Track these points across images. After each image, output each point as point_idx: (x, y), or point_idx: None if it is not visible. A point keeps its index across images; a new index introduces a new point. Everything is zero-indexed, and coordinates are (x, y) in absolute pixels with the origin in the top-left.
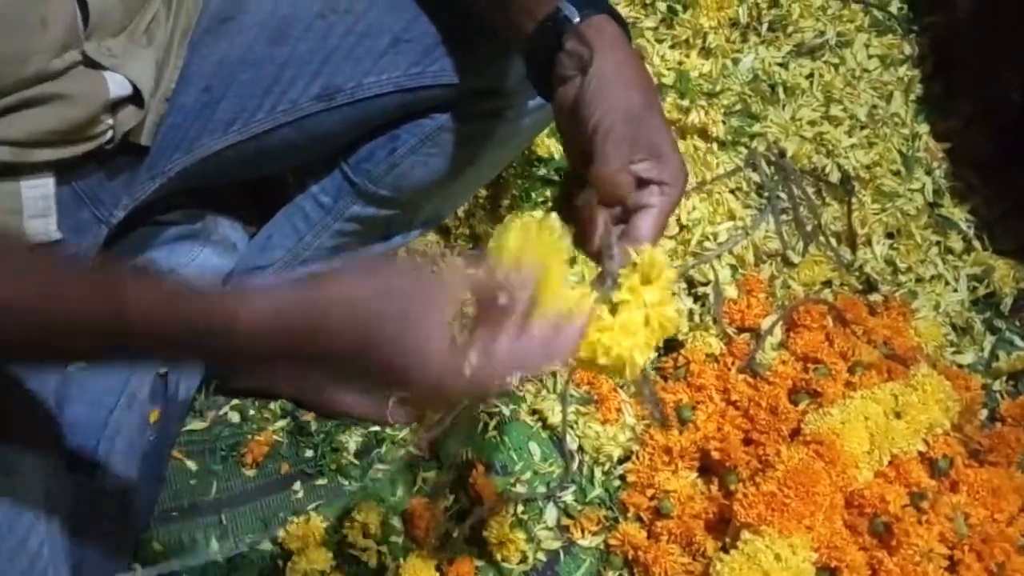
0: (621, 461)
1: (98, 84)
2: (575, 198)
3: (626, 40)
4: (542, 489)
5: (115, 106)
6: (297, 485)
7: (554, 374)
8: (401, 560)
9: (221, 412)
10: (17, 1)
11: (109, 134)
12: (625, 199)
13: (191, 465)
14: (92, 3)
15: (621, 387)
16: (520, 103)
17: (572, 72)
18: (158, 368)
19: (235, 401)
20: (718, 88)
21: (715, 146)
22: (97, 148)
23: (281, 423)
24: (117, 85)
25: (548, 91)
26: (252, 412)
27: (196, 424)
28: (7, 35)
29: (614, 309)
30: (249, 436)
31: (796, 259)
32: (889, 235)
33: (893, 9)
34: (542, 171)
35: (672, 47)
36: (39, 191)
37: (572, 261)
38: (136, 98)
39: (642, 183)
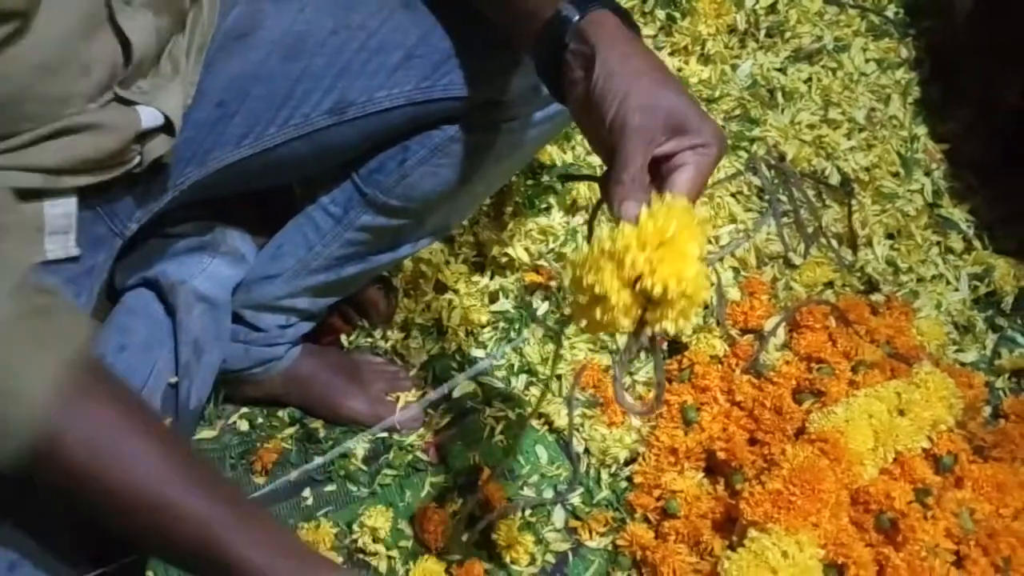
0: (627, 463)
1: (130, 117)
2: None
3: (629, 30)
4: (550, 492)
5: (145, 134)
6: (307, 492)
7: (560, 378)
8: (411, 564)
9: (230, 421)
10: (65, 47)
11: (137, 160)
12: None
13: None
14: (136, 47)
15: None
16: (527, 114)
17: (579, 72)
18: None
19: (244, 409)
20: (717, 94)
21: None
22: (125, 173)
23: (290, 430)
24: (149, 117)
25: (560, 94)
26: (261, 420)
27: (206, 433)
28: (52, 80)
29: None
30: (258, 444)
31: (798, 261)
32: (890, 236)
33: (890, 13)
34: (545, 178)
35: (671, 54)
36: (61, 210)
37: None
38: (167, 127)
39: (672, 156)
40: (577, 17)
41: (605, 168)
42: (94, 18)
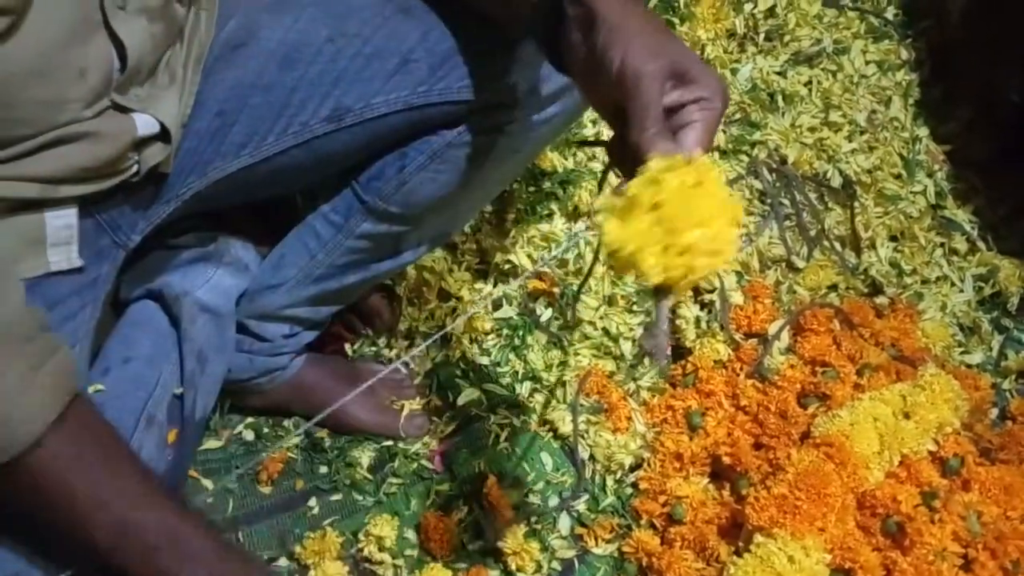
0: (633, 469)
1: (126, 124)
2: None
3: None
4: (555, 499)
5: (141, 142)
6: (312, 501)
7: (564, 384)
8: (417, 573)
9: (236, 431)
10: (59, 50)
11: (135, 168)
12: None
13: (208, 484)
14: (131, 52)
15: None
16: (525, 117)
17: (578, 35)
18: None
19: (250, 419)
20: None
21: (717, 155)
22: (122, 182)
23: (295, 440)
24: (145, 125)
25: (563, 64)
26: (266, 430)
27: (212, 443)
28: (46, 84)
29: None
30: (264, 454)
31: (801, 264)
32: (893, 238)
33: (889, 15)
34: (547, 185)
35: None
36: (63, 221)
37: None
38: (163, 135)
39: (678, 108)
40: None
41: (613, 133)
42: (88, 22)
